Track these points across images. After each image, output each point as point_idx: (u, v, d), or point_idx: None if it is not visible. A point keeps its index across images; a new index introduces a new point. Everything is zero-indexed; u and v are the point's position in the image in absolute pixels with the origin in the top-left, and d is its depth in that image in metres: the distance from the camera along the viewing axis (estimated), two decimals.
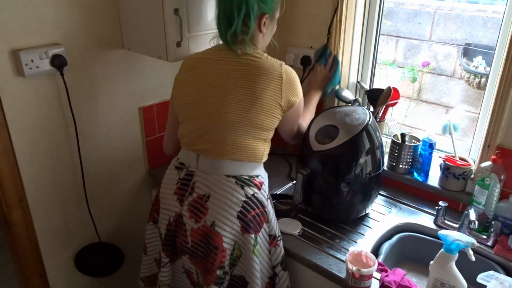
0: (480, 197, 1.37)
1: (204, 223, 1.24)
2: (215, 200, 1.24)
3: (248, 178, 1.27)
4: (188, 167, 1.31)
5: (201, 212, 1.25)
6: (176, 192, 1.30)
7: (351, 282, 1.18)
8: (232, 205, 1.23)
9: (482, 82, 1.62)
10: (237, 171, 1.26)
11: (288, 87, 1.22)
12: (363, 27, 1.69)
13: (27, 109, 1.35)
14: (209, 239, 1.23)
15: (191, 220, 1.26)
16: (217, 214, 1.23)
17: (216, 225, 1.22)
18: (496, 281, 1.11)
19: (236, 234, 1.24)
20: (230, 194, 1.24)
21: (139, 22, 1.40)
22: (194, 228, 1.26)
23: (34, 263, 1.51)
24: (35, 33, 1.30)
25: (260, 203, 1.27)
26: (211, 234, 1.23)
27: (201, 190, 1.26)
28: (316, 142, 1.39)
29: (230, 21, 1.19)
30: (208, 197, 1.25)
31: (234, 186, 1.24)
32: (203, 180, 1.27)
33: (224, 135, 1.23)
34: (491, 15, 1.56)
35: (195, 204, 1.26)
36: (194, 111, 1.26)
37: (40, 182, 1.44)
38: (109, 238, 1.70)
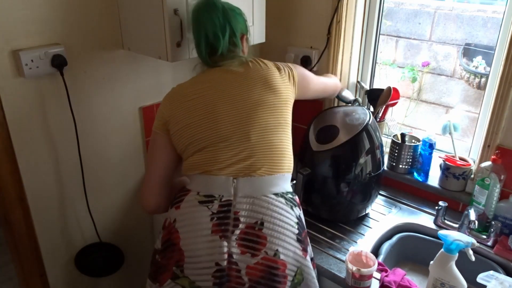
0: (480, 197, 1.37)
1: (265, 254, 1.07)
2: (272, 225, 1.08)
3: (292, 198, 1.17)
4: (220, 197, 1.11)
5: (257, 243, 1.07)
6: (215, 230, 1.08)
7: (351, 282, 1.18)
8: (290, 227, 1.11)
9: (482, 82, 1.62)
10: (282, 187, 1.15)
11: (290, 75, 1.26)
12: (363, 27, 1.69)
13: (27, 109, 1.35)
14: (273, 271, 1.07)
15: (245, 256, 1.07)
16: (279, 241, 1.08)
17: (281, 253, 1.08)
18: (496, 281, 1.11)
19: (299, 259, 1.12)
20: (285, 217, 1.11)
21: (139, 22, 1.40)
22: (250, 264, 1.07)
23: (34, 263, 1.51)
24: (35, 33, 1.30)
25: (303, 224, 1.18)
26: (276, 264, 1.07)
27: (250, 219, 1.09)
28: (316, 142, 1.39)
29: (216, 43, 1.19)
30: (261, 224, 1.08)
31: (285, 207, 1.12)
32: (249, 206, 1.09)
33: (269, 140, 1.14)
34: (491, 15, 1.56)
35: (245, 236, 1.08)
36: (223, 131, 1.13)
37: (40, 182, 1.44)
38: (109, 238, 1.70)
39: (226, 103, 1.16)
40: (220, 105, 1.15)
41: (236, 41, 1.22)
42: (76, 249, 1.62)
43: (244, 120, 1.14)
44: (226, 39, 1.19)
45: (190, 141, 1.15)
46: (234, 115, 1.15)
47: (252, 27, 1.51)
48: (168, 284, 1.13)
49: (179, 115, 1.17)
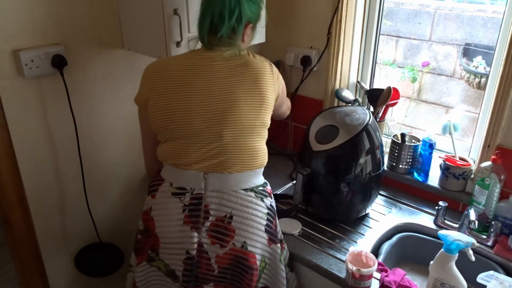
0: (480, 197, 1.37)
1: (233, 246, 1.16)
2: (241, 219, 1.16)
3: (263, 189, 1.23)
4: (191, 190, 1.17)
5: (226, 235, 1.16)
6: (187, 221, 1.16)
7: (351, 282, 1.18)
8: (259, 219, 1.18)
9: (482, 82, 1.62)
10: (252, 182, 1.20)
11: (277, 79, 1.23)
12: (363, 27, 1.69)
13: (27, 109, 1.35)
14: (242, 260, 1.17)
15: (214, 246, 1.16)
16: (247, 233, 1.16)
17: (248, 244, 1.16)
18: (496, 281, 1.11)
19: (265, 248, 1.21)
20: (254, 210, 1.17)
21: (139, 22, 1.40)
22: (219, 254, 1.17)
23: (34, 263, 1.51)
24: (35, 33, 1.30)
25: (275, 212, 1.26)
26: (244, 255, 1.16)
27: (219, 212, 1.16)
28: (316, 142, 1.39)
29: (219, 24, 1.12)
30: (230, 218, 1.16)
31: (255, 200, 1.18)
32: (218, 200, 1.16)
33: (242, 142, 1.15)
34: (491, 15, 1.56)
35: (216, 228, 1.16)
36: (194, 125, 1.14)
37: (40, 182, 1.44)
38: (109, 238, 1.70)
39: (205, 95, 1.13)
40: (198, 97, 1.13)
41: (238, 27, 1.15)
42: (76, 249, 1.62)
43: (218, 118, 1.13)
44: (231, 23, 1.13)
45: (163, 128, 1.17)
46: (210, 111, 1.13)
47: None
48: (143, 265, 1.24)
49: (156, 98, 1.16)
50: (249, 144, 1.16)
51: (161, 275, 1.24)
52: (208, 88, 1.14)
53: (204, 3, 1.15)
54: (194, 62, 1.16)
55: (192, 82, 1.14)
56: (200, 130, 1.14)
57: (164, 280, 1.25)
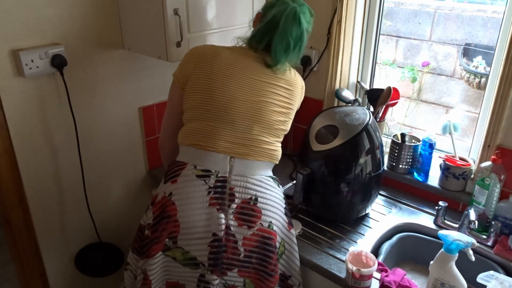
0: (480, 197, 1.37)
1: (260, 226, 1.19)
2: (265, 200, 1.21)
3: (276, 178, 1.31)
4: (216, 172, 1.19)
5: (253, 216, 1.19)
6: (213, 203, 1.17)
7: (351, 282, 1.18)
8: (280, 202, 1.25)
9: (482, 82, 1.62)
10: (270, 172, 1.29)
11: (302, 96, 1.35)
12: (363, 27, 1.69)
13: (27, 109, 1.35)
14: (267, 240, 1.20)
15: (242, 228, 1.18)
16: (271, 213, 1.22)
17: (274, 224, 1.22)
18: (496, 281, 1.11)
19: (285, 231, 1.26)
20: (275, 193, 1.25)
21: (139, 22, 1.40)
22: (247, 235, 1.18)
23: (34, 263, 1.51)
24: (35, 33, 1.30)
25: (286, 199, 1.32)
26: (270, 234, 1.20)
27: (244, 194, 1.19)
28: (316, 142, 1.39)
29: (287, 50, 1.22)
30: (256, 199, 1.20)
31: (274, 184, 1.26)
32: (243, 183, 1.20)
33: (266, 139, 1.24)
34: (491, 15, 1.56)
35: (242, 210, 1.18)
36: (232, 107, 1.19)
37: (40, 182, 1.44)
38: (109, 238, 1.70)
39: (246, 89, 1.21)
40: (240, 88, 1.21)
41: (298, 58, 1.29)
42: (76, 249, 1.62)
43: (253, 113, 1.21)
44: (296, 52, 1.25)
45: (200, 106, 1.21)
46: (247, 104, 1.21)
47: None
48: (158, 256, 1.19)
49: (201, 76, 1.21)
50: (271, 142, 1.25)
51: (176, 266, 1.21)
52: (251, 83, 1.21)
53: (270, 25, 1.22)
54: (241, 57, 1.23)
55: (237, 73, 1.21)
56: (235, 119, 1.20)
57: (177, 271, 1.22)
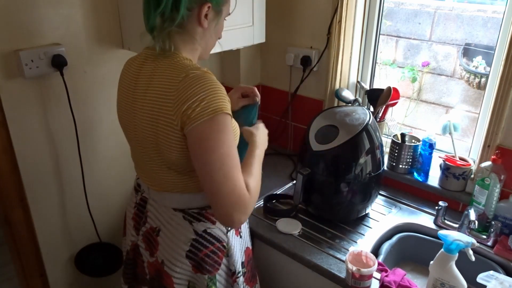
0: (480, 197, 1.37)
1: (156, 259, 1.11)
2: (165, 236, 1.10)
3: (198, 212, 1.07)
4: (142, 191, 1.18)
5: (153, 246, 1.12)
6: (133, 217, 1.19)
7: (351, 282, 1.18)
8: (180, 244, 1.07)
9: (482, 82, 1.62)
10: (184, 203, 1.07)
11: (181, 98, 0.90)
12: (363, 27, 1.69)
13: (27, 109, 1.35)
14: (160, 278, 1.11)
15: (146, 252, 1.15)
16: (166, 253, 1.09)
17: (165, 264, 1.09)
18: (496, 281, 1.11)
19: (189, 274, 1.09)
20: (177, 231, 1.08)
21: (139, 22, 1.39)
22: (150, 261, 1.14)
23: (34, 263, 1.51)
24: (35, 33, 1.30)
25: (215, 239, 1.09)
26: (162, 273, 1.10)
27: (153, 222, 1.13)
28: (316, 142, 1.39)
29: (158, 2, 0.92)
30: (158, 231, 1.11)
31: (182, 222, 1.07)
32: (154, 211, 1.13)
33: (150, 168, 1.06)
34: (491, 15, 1.56)
35: (148, 236, 1.14)
36: (127, 134, 1.10)
37: (40, 182, 1.44)
38: (109, 238, 1.70)
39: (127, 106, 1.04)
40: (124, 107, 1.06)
41: (180, 4, 0.91)
42: (76, 249, 1.62)
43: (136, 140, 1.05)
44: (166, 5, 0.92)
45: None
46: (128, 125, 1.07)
47: (252, 27, 1.51)
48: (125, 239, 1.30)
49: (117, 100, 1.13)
50: (158, 172, 1.05)
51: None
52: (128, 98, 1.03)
53: None
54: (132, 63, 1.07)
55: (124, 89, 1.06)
56: (132, 145, 1.11)
57: None
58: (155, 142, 0.98)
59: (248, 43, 1.55)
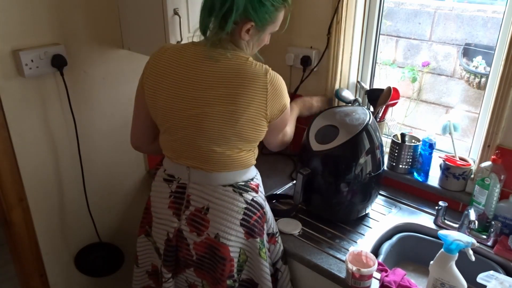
0: (480, 197, 1.37)
1: (208, 236, 1.20)
2: (216, 212, 1.19)
3: (245, 184, 1.23)
4: (178, 179, 1.24)
5: (202, 225, 1.21)
6: (171, 206, 1.24)
7: (351, 282, 1.18)
8: (234, 214, 1.20)
9: (482, 82, 1.62)
10: (232, 179, 1.21)
11: (273, 98, 1.11)
12: (363, 27, 1.69)
13: (27, 109, 1.35)
14: (215, 250, 1.20)
15: (192, 234, 1.22)
16: (219, 225, 1.19)
17: (220, 236, 1.19)
18: (496, 281, 1.11)
19: (241, 241, 1.23)
20: (230, 204, 1.20)
21: (139, 22, 1.40)
22: (197, 241, 1.22)
23: (34, 263, 1.51)
24: (35, 33, 1.30)
25: (260, 206, 1.25)
26: (217, 245, 1.20)
27: (198, 203, 1.21)
28: (316, 142, 1.39)
29: (210, 12, 1.06)
30: (207, 209, 1.20)
31: (232, 195, 1.20)
32: (199, 193, 1.21)
33: (209, 150, 1.15)
34: (491, 15, 1.56)
35: (194, 218, 1.21)
36: (173, 122, 1.15)
37: (40, 182, 1.44)
38: (109, 238, 1.70)
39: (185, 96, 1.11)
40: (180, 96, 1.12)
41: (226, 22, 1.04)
42: (76, 249, 1.62)
43: (193, 123, 1.13)
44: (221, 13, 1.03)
45: (156, 119, 1.21)
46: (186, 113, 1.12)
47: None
48: (142, 238, 1.36)
49: (149, 88, 1.17)
50: (220, 152, 1.16)
51: (153, 251, 1.34)
52: (190, 88, 1.10)
53: None
54: (186, 58, 1.12)
55: (177, 79, 1.11)
56: (178, 131, 1.16)
57: (155, 257, 1.34)
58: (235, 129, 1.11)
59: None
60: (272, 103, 1.12)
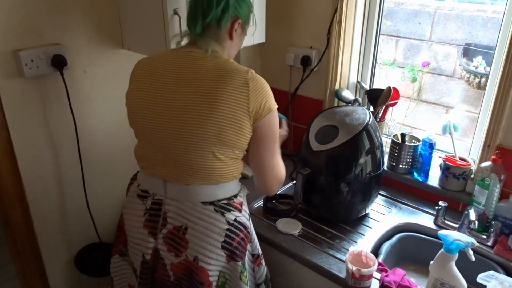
0: (480, 197, 1.37)
1: (186, 257, 1.12)
2: (195, 232, 1.10)
3: (227, 203, 1.13)
4: (153, 194, 1.15)
5: (180, 245, 1.12)
6: (146, 225, 1.15)
7: (351, 282, 1.18)
8: (214, 236, 1.10)
9: (482, 82, 1.62)
10: (213, 195, 1.12)
11: (256, 94, 1.04)
12: (363, 27, 1.69)
13: (27, 109, 1.35)
14: (193, 274, 1.12)
15: (170, 254, 1.13)
16: (199, 248, 1.10)
17: (199, 259, 1.10)
18: (496, 281, 1.11)
19: (222, 264, 1.14)
20: (211, 224, 1.10)
21: (139, 22, 1.40)
22: (174, 262, 1.13)
23: (34, 263, 1.51)
24: (35, 33, 1.30)
25: (243, 226, 1.16)
26: (195, 269, 1.11)
27: (176, 221, 1.12)
28: (316, 142, 1.39)
29: (205, 12, 1.05)
30: (185, 229, 1.11)
31: (214, 214, 1.11)
32: (176, 209, 1.12)
33: (188, 157, 1.07)
34: (491, 15, 1.56)
35: (172, 236, 1.13)
36: (150, 128, 1.09)
37: (40, 182, 1.44)
38: (109, 238, 1.70)
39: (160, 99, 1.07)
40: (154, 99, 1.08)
41: (222, 20, 1.07)
42: (76, 249, 1.62)
43: (168, 126, 1.06)
44: (218, 12, 1.05)
45: (134, 127, 1.16)
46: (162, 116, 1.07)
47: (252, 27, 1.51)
48: (116, 258, 1.29)
49: (129, 95, 1.14)
50: (199, 161, 1.07)
51: (130, 272, 1.27)
52: (168, 90, 1.06)
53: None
54: (164, 60, 1.10)
55: (156, 82, 1.08)
56: (153, 136, 1.10)
57: (132, 277, 1.27)
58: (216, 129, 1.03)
59: (248, 43, 1.55)
60: (255, 99, 1.04)
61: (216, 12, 1.06)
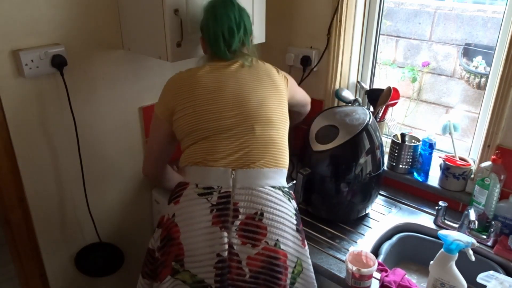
0: (480, 197, 1.37)
1: (266, 245, 1.10)
2: (272, 216, 1.11)
3: (288, 191, 1.21)
4: (219, 188, 1.13)
5: (257, 233, 1.10)
6: (215, 221, 1.11)
7: (351, 282, 1.18)
8: (289, 218, 1.14)
9: (482, 82, 1.62)
10: (279, 181, 1.18)
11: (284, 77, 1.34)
12: (363, 27, 1.69)
13: (27, 109, 1.35)
14: (274, 261, 1.10)
15: (245, 247, 1.10)
16: (279, 231, 1.11)
17: (281, 242, 1.11)
18: (496, 281, 1.11)
19: (298, 249, 1.16)
20: (284, 208, 1.14)
21: (139, 22, 1.40)
22: (251, 255, 1.10)
23: (34, 263, 1.51)
24: (35, 33, 1.30)
25: (300, 218, 1.22)
26: (276, 254, 1.10)
27: (248, 210, 1.11)
28: (316, 142, 1.39)
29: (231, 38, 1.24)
30: (261, 215, 1.11)
31: (283, 198, 1.16)
32: (247, 197, 1.12)
33: (271, 136, 1.19)
34: (491, 15, 1.56)
35: (245, 227, 1.10)
36: (227, 122, 1.17)
37: (40, 182, 1.44)
38: (109, 238, 1.70)
39: (235, 98, 1.21)
40: (228, 99, 1.20)
41: (247, 40, 1.29)
42: (76, 249, 1.62)
43: (250, 115, 1.19)
44: (240, 35, 1.25)
45: (193, 129, 1.19)
46: (241, 110, 1.19)
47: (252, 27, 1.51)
48: (167, 281, 1.13)
49: (185, 103, 1.21)
50: (276, 138, 1.21)
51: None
52: (237, 91, 1.21)
53: (211, 24, 1.25)
54: (218, 72, 1.25)
55: (220, 88, 1.21)
56: (231, 125, 1.18)
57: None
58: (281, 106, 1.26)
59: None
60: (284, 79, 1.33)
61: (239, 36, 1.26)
